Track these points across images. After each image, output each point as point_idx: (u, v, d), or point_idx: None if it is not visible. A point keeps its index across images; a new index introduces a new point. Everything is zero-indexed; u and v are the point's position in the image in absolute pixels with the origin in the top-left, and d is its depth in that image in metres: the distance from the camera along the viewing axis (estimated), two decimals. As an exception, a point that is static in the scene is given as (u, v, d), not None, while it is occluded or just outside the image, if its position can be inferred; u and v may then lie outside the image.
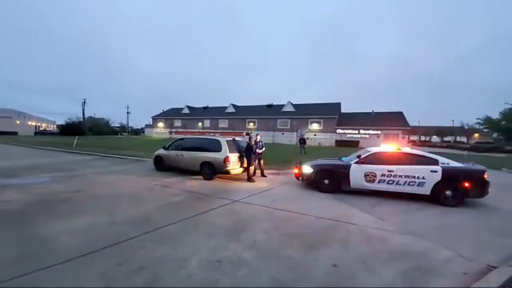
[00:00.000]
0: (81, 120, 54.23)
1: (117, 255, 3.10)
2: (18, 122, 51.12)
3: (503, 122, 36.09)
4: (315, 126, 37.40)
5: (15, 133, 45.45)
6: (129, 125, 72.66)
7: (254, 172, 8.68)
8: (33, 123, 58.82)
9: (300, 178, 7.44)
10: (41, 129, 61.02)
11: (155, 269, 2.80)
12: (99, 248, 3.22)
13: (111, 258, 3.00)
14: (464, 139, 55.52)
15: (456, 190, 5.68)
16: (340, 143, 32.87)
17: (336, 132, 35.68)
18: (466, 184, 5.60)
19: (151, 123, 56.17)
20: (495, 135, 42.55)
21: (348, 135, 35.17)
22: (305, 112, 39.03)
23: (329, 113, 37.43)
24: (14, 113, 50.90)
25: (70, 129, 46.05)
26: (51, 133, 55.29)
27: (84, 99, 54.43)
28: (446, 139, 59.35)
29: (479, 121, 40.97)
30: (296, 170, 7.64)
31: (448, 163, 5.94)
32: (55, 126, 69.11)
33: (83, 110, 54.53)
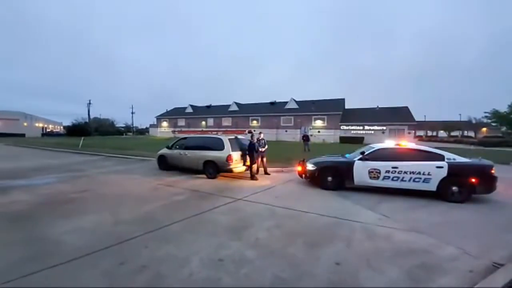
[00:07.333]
0: (87, 121, 54.95)
1: (120, 254, 3.14)
2: (25, 124, 51.92)
3: (512, 116, 35.24)
4: (319, 123, 37.17)
5: (23, 135, 46.19)
6: (134, 125, 73.45)
7: (257, 170, 8.67)
8: (40, 125, 59.69)
9: (303, 175, 7.40)
10: (48, 130, 61.90)
11: (157, 268, 2.82)
12: (103, 247, 3.27)
13: (115, 257, 3.04)
14: (471, 134, 54.51)
15: (463, 186, 5.56)
16: (344, 140, 32.59)
17: (340, 129, 35.41)
18: (473, 180, 5.47)
19: (155, 122, 56.67)
20: (503, 129, 41.59)
21: (352, 132, 34.88)
22: (308, 108, 38.78)
23: (333, 109, 37.15)
24: (21, 115, 51.70)
25: (76, 130, 46.90)
26: (58, 134, 56.19)
27: (89, 100, 55.21)
28: (453, 133, 58.32)
29: (486, 115, 40.10)
30: (299, 168, 7.60)
31: (454, 159, 5.83)
32: (61, 127, 70.08)
33: (89, 111, 55.38)
